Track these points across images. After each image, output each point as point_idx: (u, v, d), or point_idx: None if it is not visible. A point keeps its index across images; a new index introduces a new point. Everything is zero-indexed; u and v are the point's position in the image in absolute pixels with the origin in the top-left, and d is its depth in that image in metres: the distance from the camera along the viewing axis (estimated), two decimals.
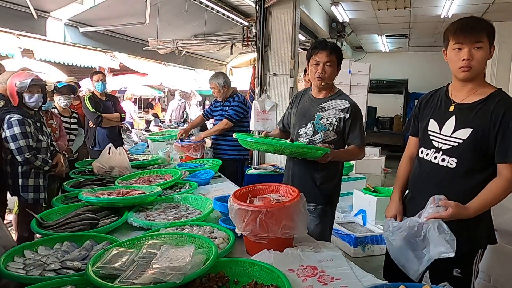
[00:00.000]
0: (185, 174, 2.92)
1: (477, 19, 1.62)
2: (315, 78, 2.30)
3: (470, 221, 1.58)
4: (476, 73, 1.62)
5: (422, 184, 1.76)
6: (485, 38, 1.58)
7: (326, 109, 2.31)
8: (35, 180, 2.85)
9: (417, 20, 8.86)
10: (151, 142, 4.50)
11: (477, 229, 1.64)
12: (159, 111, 14.53)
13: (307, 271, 1.44)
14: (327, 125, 2.28)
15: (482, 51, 1.58)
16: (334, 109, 2.30)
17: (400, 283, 1.18)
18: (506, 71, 7.56)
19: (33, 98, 2.84)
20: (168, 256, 1.31)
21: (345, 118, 2.27)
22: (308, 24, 8.19)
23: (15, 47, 6.48)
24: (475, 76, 1.64)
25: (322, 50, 2.26)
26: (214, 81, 4.00)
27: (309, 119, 2.33)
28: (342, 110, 2.28)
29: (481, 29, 1.58)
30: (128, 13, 7.01)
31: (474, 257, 1.67)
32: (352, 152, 2.31)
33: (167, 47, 7.48)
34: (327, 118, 2.29)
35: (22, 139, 2.72)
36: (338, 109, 2.29)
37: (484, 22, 1.61)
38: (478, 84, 1.68)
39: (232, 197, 1.64)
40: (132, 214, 2.03)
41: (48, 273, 1.39)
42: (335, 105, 2.30)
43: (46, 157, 2.92)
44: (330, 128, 2.28)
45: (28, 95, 2.81)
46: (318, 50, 2.28)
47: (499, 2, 7.20)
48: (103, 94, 4.62)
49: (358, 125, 2.30)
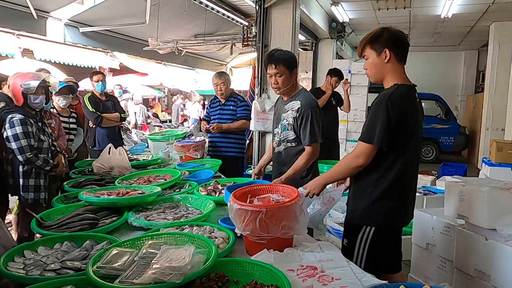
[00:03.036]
0: (185, 174, 2.92)
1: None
2: (273, 88, 2.57)
3: (352, 197, 1.97)
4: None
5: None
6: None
7: (287, 110, 2.55)
8: (35, 180, 2.85)
9: (417, 20, 8.85)
10: (151, 142, 4.50)
11: (359, 207, 1.92)
12: (159, 111, 14.54)
13: (307, 271, 1.43)
14: (287, 125, 2.53)
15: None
16: (291, 110, 2.52)
17: (400, 283, 1.18)
18: (506, 71, 7.57)
19: (38, 99, 2.85)
20: (168, 256, 1.31)
21: (296, 117, 2.47)
22: (308, 24, 8.19)
23: (15, 47, 6.48)
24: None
25: (269, 64, 2.49)
26: (224, 77, 3.95)
27: (279, 121, 2.60)
28: (296, 110, 2.49)
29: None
30: (128, 13, 7.01)
31: (359, 231, 1.93)
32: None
33: (167, 47, 7.48)
34: (286, 118, 2.53)
35: (24, 138, 2.72)
36: (293, 110, 2.50)
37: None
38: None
39: (232, 197, 1.64)
40: (132, 214, 2.03)
41: (48, 273, 1.39)
42: (292, 106, 2.52)
43: (47, 157, 2.92)
44: (289, 127, 2.52)
45: (33, 96, 2.83)
46: (266, 64, 2.52)
47: (499, 2, 7.20)
48: (103, 94, 4.62)
49: (308, 124, 2.43)
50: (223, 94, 3.94)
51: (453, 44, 11.40)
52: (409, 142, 1.85)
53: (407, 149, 1.85)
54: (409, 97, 1.86)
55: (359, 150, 1.83)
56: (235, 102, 3.96)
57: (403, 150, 1.84)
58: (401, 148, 1.83)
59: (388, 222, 1.93)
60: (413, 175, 1.98)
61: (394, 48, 1.84)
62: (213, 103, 4.10)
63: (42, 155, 2.87)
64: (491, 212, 2.17)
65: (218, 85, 3.91)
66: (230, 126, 3.92)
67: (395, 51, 1.84)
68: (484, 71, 9.75)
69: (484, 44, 10.17)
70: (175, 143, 3.85)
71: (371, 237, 1.91)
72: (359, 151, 1.83)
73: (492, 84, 8.40)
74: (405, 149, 1.85)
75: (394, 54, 1.84)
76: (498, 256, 2.20)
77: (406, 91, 1.86)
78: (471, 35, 10.16)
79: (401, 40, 1.87)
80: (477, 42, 11.07)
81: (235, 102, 3.96)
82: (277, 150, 2.65)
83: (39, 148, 2.86)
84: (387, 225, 1.94)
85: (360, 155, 1.82)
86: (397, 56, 1.86)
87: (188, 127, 9.74)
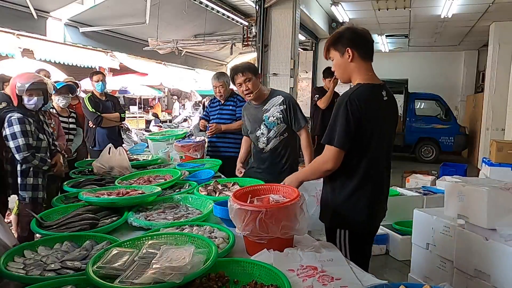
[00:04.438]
0: (185, 174, 2.92)
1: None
2: (246, 96, 2.86)
3: (323, 200, 1.98)
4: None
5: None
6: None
7: (268, 109, 2.83)
8: (33, 179, 2.85)
9: (417, 20, 8.86)
10: (151, 142, 4.49)
11: (329, 210, 1.92)
12: (159, 111, 14.55)
13: (307, 271, 1.43)
14: (275, 120, 2.81)
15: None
16: (274, 106, 2.81)
17: (400, 283, 1.18)
18: (506, 71, 7.57)
19: (32, 101, 2.83)
20: (168, 256, 1.31)
21: (285, 108, 2.79)
22: (308, 24, 8.19)
23: (15, 47, 6.48)
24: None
25: (235, 75, 2.80)
26: (223, 79, 3.93)
27: (260, 122, 2.86)
28: (281, 104, 2.80)
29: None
30: (128, 13, 7.01)
31: (335, 235, 1.91)
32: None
33: (167, 47, 7.49)
34: (272, 115, 2.81)
35: (22, 137, 2.72)
36: (277, 105, 2.80)
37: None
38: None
39: (232, 197, 1.64)
40: (132, 214, 2.03)
41: (48, 273, 1.39)
42: (274, 102, 2.82)
43: (46, 156, 2.92)
44: (278, 121, 2.81)
45: (27, 97, 2.81)
46: (233, 76, 2.83)
47: (499, 2, 7.20)
48: (103, 94, 4.62)
49: (297, 110, 2.83)
50: (222, 96, 3.94)
51: (453, 44, 11.39)
52: (371, 142, 1.82)
53: (370, 148, 1.82)
54: (371, 96, 1.83)
55: (327, 155, 1.81)
56: (235, 102, 3.95)
57: (366, 150, 1.82)
58: (363, 148, 1.81)
59: (358, 224, 1.89)
60: (381, 172, 1.93)
61: (356, 46, 1.83)
62: (213, 103, 4.09)
63: (41, 154, 2.86)
64: (491, 212, 2.17)
65: (217, 88, 3.90)
66: (229, 126, 3.91)
67: (358, 49, 1.83)
68: (484, 71, 9.75)
69: (484, 44, 10.17)
70: (175, 143, 3.84)
71: (348, 239, 1.89)
72: (327, 155, 1.81)
73: (492, 84, 8.40)
74: (368, 149, 1.82)
75: (357, 52, 1.82)
76: (498, 256, 2.20)
77: (368, 90, 1.83)
78: (471, 35, 10.16)
79: (363, 37, 1.86)
80: (477, 42, 11.07)
81: (235, 102, 3.95)
82: (267, 148, 2.89)
83: (38, 147, 2.86)
84: (358, 226, 1.90)
85: (329, 160, 1.80)
86: (361, 54, 1.84)
87: (188, 127, 9.75)
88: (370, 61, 1.89)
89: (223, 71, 4.14)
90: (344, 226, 1.90)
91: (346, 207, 1.87)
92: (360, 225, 1.90)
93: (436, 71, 12.36)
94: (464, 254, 2.44)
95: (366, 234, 1.98)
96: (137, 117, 12.85)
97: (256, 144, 2.97)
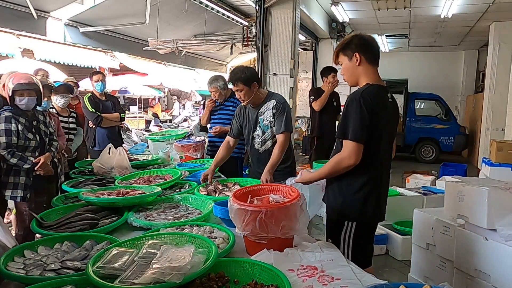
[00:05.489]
0: (185, 174, 2.92)
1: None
2: (242, 102, 2.91)
3: (330, 194, 2.04)
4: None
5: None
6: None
7: (263, 112, 2.89)
8: (14, 177, 2.83)
9: (417, 20, 8.85)
10: (151, 142, 4.49)
11: (339, 203, 1.99)
12: (159, 111, 14.55)
13: (307, 271, 1.43)
14: (268, 124, 2.87)
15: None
16: (268, 110, 2.87)
17: (400, 283, 1.18)
18: (506, 71, 7.57)
19: (23, 101, 2.80)
20: (168, 256, 1.31)
21: (274, 112, 2.84)
22: (308, 24, 8.19)
23: (15, 47, 6.48)
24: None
25: (231, 84, 2.87)
26: (215, 85, 3.95)
27: (256, 124, 2.92)
28: (272, 108, 2.85)
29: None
30: (128, 13, 7.02)
31: (342, 228, 1.99)
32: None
33: (167, 47, 7.49)
34: (266, 118, 2.87)
35: (4, 136, 2.71)
36: (270, 108, 2.86)
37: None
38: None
39: (232, 197, 1.64)
40: (132, 214, 2.03)
41: (48, 273, 1.39)
42: (268, 106, 2.88)
43: (32, 155, 2.89)
44: (271, 124, 2.86)
45: (18, 97, 2.80)
46: (229, 82, 2.95)
47: (499, 2, 7.19)
48: (102, 94, 4.61)
49: (283, 115, 2.81)
50: (219, 98, 3.97)
51: (453, 44, 11.39)
52: (382, 137, 1.92)
53: (380, 143, 1.93)
54: (380, 95, 1.94)
55: (348, 150, 1.86)
56: (234, 102, 3.96)
57: (377, 145, 1.91)
58: (375, 143, 1.90)
59: (367, 216, 1.98)
60: (386, 169, 2.07)
61: (364, 51, 1.96)
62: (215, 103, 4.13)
63: (26, 153, 2.84)
64: (491, 212, 2.17)
65: (211, 92, 3.97)
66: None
67: (365, 54, 1.96)
68: (484, 71, 9.75)
69: (484, 44, 10.17)
70: (175, 143, 3.84)
71: (354, 232, 1.97)
72: (348, 151, 1.86)
73: (492, 84, 8.40)
74: (379, 144, 1.92)
75: (364, 57, 1.96)
76: (498, 256, 2.20)
77: (377, 90, 1.94)
78: (471, 35, 10.16)
79: (370, 43, 2.00)
80: (477, 42, 11.07)
81: (234, 102, 3.96)
82: (262, 149, 2.94)
83: (24, 147, 2.83)
84: (366, 218, 1.99)
85: (351, 155, 1.85)
86: (368, 59, 1.97)
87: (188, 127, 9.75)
88: (376, 66, 2.02)
89: (217, 75, 4.13)
90: (352, 218, 1.97)
91: (358, 199, 1.95)
92: (369, 217, 1.99)
93: (436, 71, 12.36)
94: (464, 254, 2.44)
95: (371, 229, 2.10)
96: (137, 117, 12.86)
97: (252, 145, 3.00)
